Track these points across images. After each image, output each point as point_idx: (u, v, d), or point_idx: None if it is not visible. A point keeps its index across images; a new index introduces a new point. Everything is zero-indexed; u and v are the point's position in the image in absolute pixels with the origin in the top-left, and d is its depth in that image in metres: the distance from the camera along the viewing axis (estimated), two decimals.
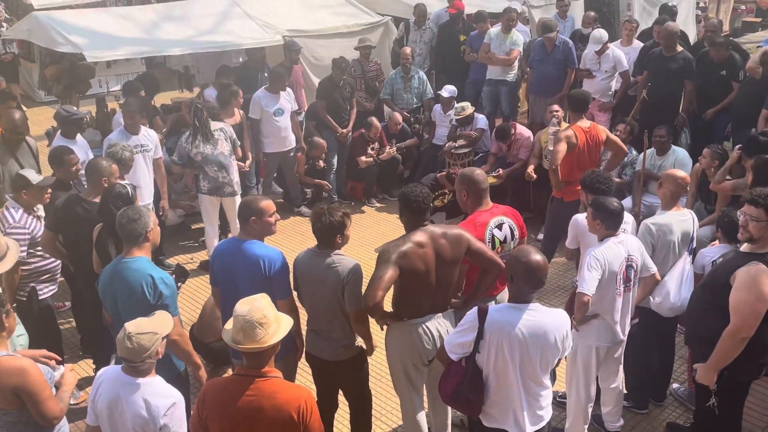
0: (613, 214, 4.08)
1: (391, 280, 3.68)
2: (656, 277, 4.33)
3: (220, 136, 6.60)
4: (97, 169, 4.84)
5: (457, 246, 3.84)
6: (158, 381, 3.15)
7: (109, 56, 7.80)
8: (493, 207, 4.39)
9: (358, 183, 8.81)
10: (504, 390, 3.32)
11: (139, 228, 3.72)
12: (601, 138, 6.14)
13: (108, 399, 3.09)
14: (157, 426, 3.03)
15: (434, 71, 10.09)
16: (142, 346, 3.02)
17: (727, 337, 3.72)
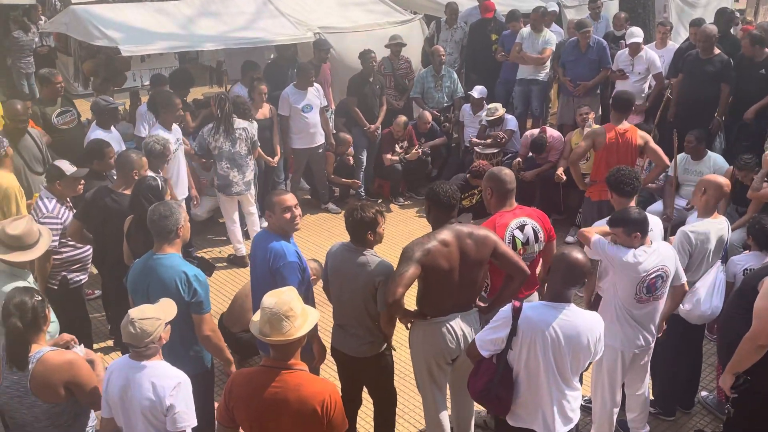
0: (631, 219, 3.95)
1: (412, 277, 3.67)
2: (685, 288, 4.25)
3: (241, 135, 6.66)
4: (128, 161, 4.91)
5: (483, 247, 3.82)
6: (163, 364, 3.18)
7: (144, 50, 7.92)
8: (517, 208, 4.34)
9: (385, 181, 8.81)
10: (534, 389, 3.30)
11: (170, 224, 3.75)
12: (636, 142, 6.07)
13: (119, 386, 3.14)
14: (164, 407, 3.06)
15: (464, 70, 10.05)
16: (145, 331, 3.07)
17: (746, 341, 3.67)
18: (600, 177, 6.11)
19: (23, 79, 11.19)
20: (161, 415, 3.09)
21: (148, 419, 3.11)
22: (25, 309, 3.19)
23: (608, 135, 6.00)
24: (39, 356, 3.20)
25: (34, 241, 3.95)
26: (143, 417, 3.11)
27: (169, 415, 3.08)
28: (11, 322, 3.16)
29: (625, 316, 4.07)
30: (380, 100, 8.57)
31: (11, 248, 3.86)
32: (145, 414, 3.10)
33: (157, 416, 3.10)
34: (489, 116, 8.22)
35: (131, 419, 3.14)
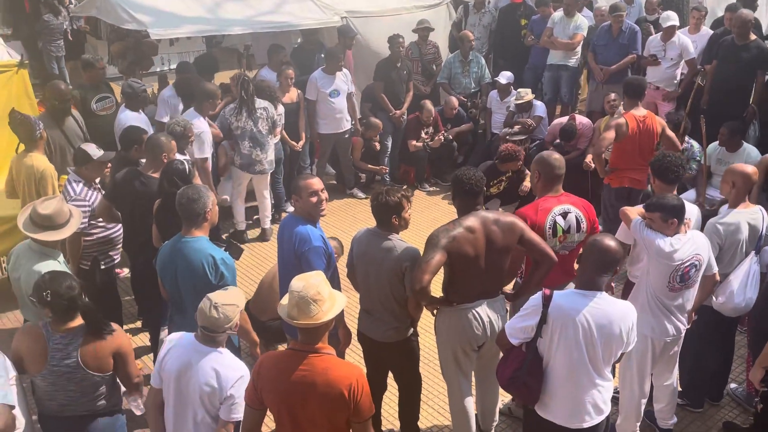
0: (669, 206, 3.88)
1: (438, 264, 3.65)
2: (716, 278, 4.18)
3: (262, 114, 6.71)
4: (157, 145, 4.95)
5: (510, 234, 3.79)
6: (228, 353, 3.24)
7: (172, 34, 7.94)
8: (563, 195, 4.28)
9: (410, 167, 8.77)
10: (564, 379, 3.26)
11: (198, 208, 3.78)
12: (656, 129, 6.01)
13: (178, 364, 3.19)
14: (223, 396, 3.12)
15: (492, 56, 9.94)
16: (227, 316, 3.13)
17: None
18: (620, 164, 6.06)
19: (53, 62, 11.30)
20: (217, 402, 3.16)
21: (203, 403, 3.17)
22: (64, 296, 3.28)
23: (630, 125, 5.91)
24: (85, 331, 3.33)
25: (64, 221, 4.01)
26: (199, 400, 3.17)
27: (226, 404, 3.13)
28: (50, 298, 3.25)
29: (657, 305, 4.01)
30: (407, 85, 8.52)
31: (42, 227, 3.92)
32: (203, 398, 3.16)
33: (213, 402, 3.16)
34: (517, 100, 8.14)
35: (185, 398, 3.19)
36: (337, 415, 2.86)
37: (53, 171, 5.32)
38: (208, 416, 3.20)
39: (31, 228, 3.93)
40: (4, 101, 5.92)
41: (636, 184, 6.13)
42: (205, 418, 3.20)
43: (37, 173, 5.16)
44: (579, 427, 3.31)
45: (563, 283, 4.19)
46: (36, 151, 5.24)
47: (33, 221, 3.93)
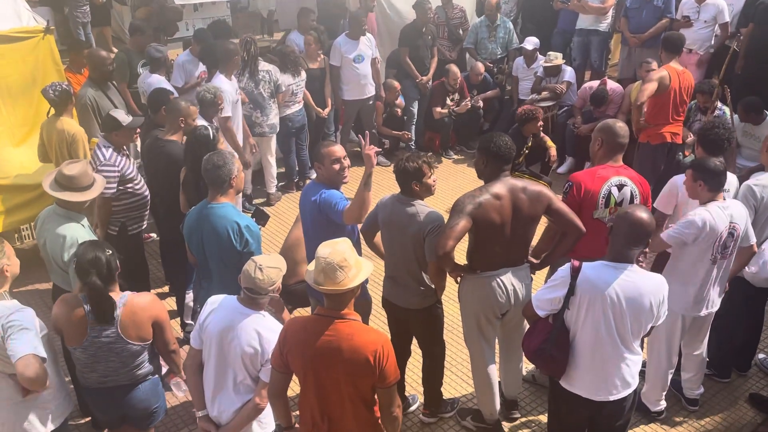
0: (714, 173, 3.83)
1: (463, 230, 3.62)
2: (754, 249, 4.09)
3: (264, 77, 6.68)
4: (176, 108, 4.98)
5: (537, 203, 3.73)
6: (270, 316, 3.28)
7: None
8: (622, 167, 4.16)
9: (435, 134, 8.69)
10: (591, 352, 3.21)
11: (223, 174, 3.79)
12: (692, 84, 5.95)
13: (221, 325, 3.23)
14: (265, 358, 3.16)
15: (521, 20, 9.74)
16: (271, 278, 3.18)
17: None
18: (658, 120, 5.94)
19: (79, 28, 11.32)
20: (258, 365, 3.20)
21: (245, 364, 3.21)
22: (100, 265, 3.30)
23: (672, 76, 5.87)
24: (124, 300, 3.35)
25: (88, 183, 4.05)
26: (241, 362, 3.21)
27: (267, 366, 3.17)
28: (92, 281, 3.26)
29: (692, 279, 3.95)
30: (432, 51, 8.39)
31: (65, 188, 3.97)
32: (244, 360, 3.20)
33: (254, 364, 3.21)
34: (547, 63, 7.97)
35: (227, 360, 3.24)
36: (363, 381, 2.87)
37: (84, 134, 5.43)
38: (248, 378, 3.25)
39: (55, 188, 3.98)
40: (31, 67, 5.97)
41: (675, 138, 6.02)
42: (246, 379, 3.25)
43: (69, 136, 5.26)
44: (605, 399, 3.28)
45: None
46: (65, 115, 5.33)
47: (57, 182, 3.98)
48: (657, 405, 4.37)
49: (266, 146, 7.10)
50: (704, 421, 4.41)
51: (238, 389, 3.27)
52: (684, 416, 4.44)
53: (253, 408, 3.26)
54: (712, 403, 4.55)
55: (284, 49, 7.20)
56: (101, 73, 6.12)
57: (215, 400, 3.32)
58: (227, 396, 3.29)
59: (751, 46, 7.40)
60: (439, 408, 4.40)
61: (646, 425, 4.36)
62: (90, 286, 3.26)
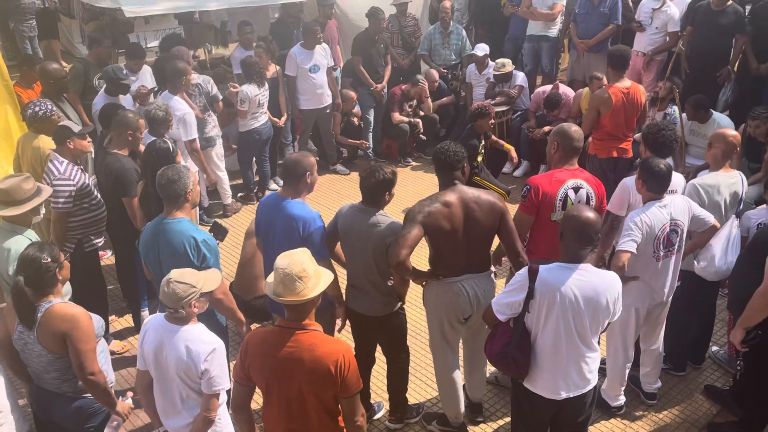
0: (658, 176, 3.95)
1: (415, 238, 3.67)
2: (716, 226, 4.18)
3: (194, 91, 6.59)
4: (123, 122, 4.90)
5: (490, 214, 3.80)
6: (199, 328, 3.23)
7: (147, 11, 7.80)
8: (577, 170, 4.26)
9: (393, 141, 8.75)
10: (552, 353, 3.27)
11: (178, 189, 3.73)
12: (641, 100, 6.03)
13: (153, 345, 3.21)
14: (198, 371, 3.13)
15: (473, 27, 9.87)
16: (176, 293, 3.10)
17: (758, 296, 3.69)
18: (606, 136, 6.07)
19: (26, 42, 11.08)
20: (196, 378, 3.17)
21: (182, 379, 3.19)
22: (31, 267, 3.27)
23: (614, 99, 5.92)
24: (47, 307, 3.30)
25: (26, 196, 3.99)
26: (178, 378, 3.19)
27: (204, 378, 3.15)
28: (17, 281, 3.27)
29: (641, 274, 4.05)
30: (385, 59, 8.46)
31: (4, 203, 3.95)
32: (180, 376, 3.18)
33: (191, 378, 3.18)
34: (496, 71, 8.10)
35: (166, 377, 3.21)
36: (325, 391, 2.87)
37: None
38: (192, 392, 3.22)
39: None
40: None
41: (623, 153, 6.18)
42: (190, 394, 3.22)
43: (43, 155, 5.10)
44: (567, 397, 3.34)
45: None
46: (44, 133, 5.17)
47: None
48: (616, 400, 4.47)
49: (209, 159, 6.96)
50: (662, 414, 4.52)
51: (186, 404, 3.25)
52: (643, 410, 4.55)
53: (202, 421, 3.23)
54: (669, 396, 4.67)
55: (248, 59, 7.18)
56: (55, 86, 5.99)
57: (167, 418, 3.30)
58: (177, 412, 3.27)
59: (693, 47, 7.66)
60: (404, 414, 4.42)
61: (606, 420, 4.46)
62: (14, 286, 3.27)
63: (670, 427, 4.41)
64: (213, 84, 6.85)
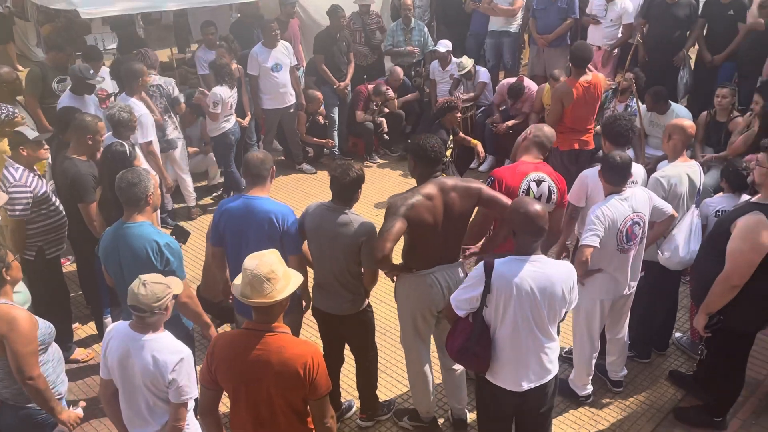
0: (615, 168, 4.01)
1: (399, 232, 3.66)
2: (674, 216, 4.26)
3: (154, 93, 6.51)
4: (82, 126, 4.80)
5: (467, 198, 3.80)
6: (166, 336, 3.17)
7: (104, 12, 7.63)
8: (541, 163, 4.33)
9: (358, 139, 8.74)
10: (510, 345, 3.29)
11: (139, 192, 3.66)
12: (601, 91, 6.15)
13: (118, 354, 3.14)
14: (166, 380, 3.08)
15: (435, 23, 9.91)
16: (155, 294, 3.05)
17: (719, 282, 3.78)
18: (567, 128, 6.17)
19: None
20: (163, 387, 3.11)
21: (149, 389, 3.13)
22: None
23: (575, 92, 6.04)
24: None
25: None
26: (145, 387, 3.13)
27: (172, 388, 3.09)
28: None
29: (605, 266, 4.11)
30: (348, 57, 8.44)
31: None
32: (147, 385, 3.12)
33: (158, 387, 3.12)
34: (460, 71, 8.15)
35: (132, 386, 3.15)
36: (293, 394, 2.86)
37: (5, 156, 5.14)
38: (159, 401, 3.17)
39: None
40: None
41: (584, 145, 6.27)
42: (157, 403, 3.17)
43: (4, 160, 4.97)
44: (528, 388, 3.36)
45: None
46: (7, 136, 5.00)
47: None
48: (584, 389, 4.53)
49: (171, 161, 6.89)
50: (629, 401, 4.60)
51: (153, 413, 3.19)
52: (610, 398, 4.62)
53: (171, 431, 3.17)
54: (635, 383, 4.76)
55: (217, 61, 7.10)
56: (8, 90, 5.84)
57: (134, 427, 3.23)
58: (144, 422, 3.21)
59: (649, 40, 7.81)
60: (375, 411, 4.43)
61: (575, 410, 4.52)
62: None
63: (637, 414, 4.49)
64: (174, 86, 6.75)
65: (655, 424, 4.40)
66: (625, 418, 4.45)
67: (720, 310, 3.88)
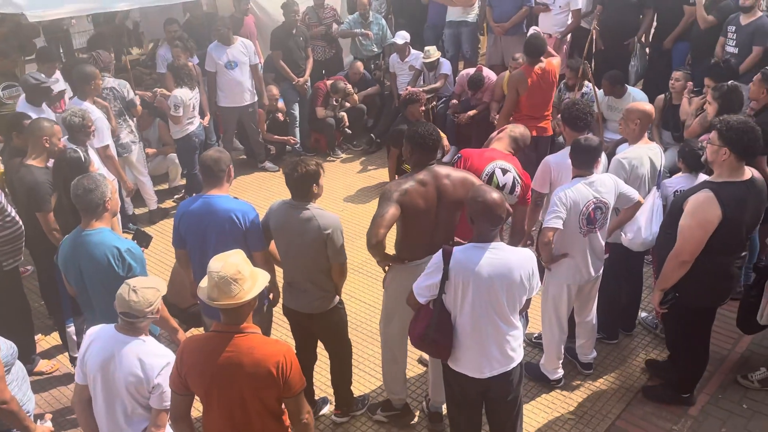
0: (583, 151, 4.07)
1: (393, 217, 3.64)
2: (640, 202, 4.32)
3: (108, 95, 6.37)
4: (38, 128, 4.68)
5: (461, 188, 3.76)
6: (151, 340, 3.15)
7: (52, 15, 7.40)
8: (510, 156, 4.35)
9: (320, 135, 8.69)
10: (471, 331, 3.29)
11: (96, 198, 3.58)
12: (556, 76, 6.25)
13: (101, 357, 3.08)
14: (150, 385, 3.04)
15: (392, 16, 9.89)
16: (147, 299, 3.04)
17: (670, 258, 3.86)
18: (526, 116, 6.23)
19: None
20: (146, 392, 3.07)
21: (131, 393, 3.08)
22: None
23: (530, 80, 6.12)
24: None
25: None
26: (127, 392, 3.08)
27: (155, 393, 3.06)
28: None
29: (569, 250, 4.16)
30: (305, 52, 8.37)
31: None
32: (129, 389, 3.07)
33: (141, 393, 3.08)
34: (426, 59, 8.17)
35: (112, 391, 3.10)
36: (268, 393, 2.83)
37: None
38: (139, 407, 3.12)
39: None
40: None
41: (542, 132, 6.33)
42: (136, 409, 3.12)
43: None
44: (490, 375, 3.36)
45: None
46: None
47: None
48: (555, 374, 4.59)
49: (129, 165, 6.74)
50: (599, 382, 4.67)
51: (131, 420, 3.14)
52: (581, 380, 4.69)
53: None
54: (604, 364, 4.84)
55: (176, 62, 6.96)
56: None
57: None
58: (120, 428, 3.15)
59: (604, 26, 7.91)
60: (350, 407, 4.42)
61: (547, 393, 4.57)
62: None
63: (608, 394, 4.57)
64: (129, 88, 6.59)
65: (625, 404, 4.47)
66: (596, 400, 4.52)
67: (675, 286, 3.96)
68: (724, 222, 3.70)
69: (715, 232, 3.73)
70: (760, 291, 4.45)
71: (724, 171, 3.78)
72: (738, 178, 3.77)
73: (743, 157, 3.75)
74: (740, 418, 4.31)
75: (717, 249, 3.79)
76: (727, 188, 3.74)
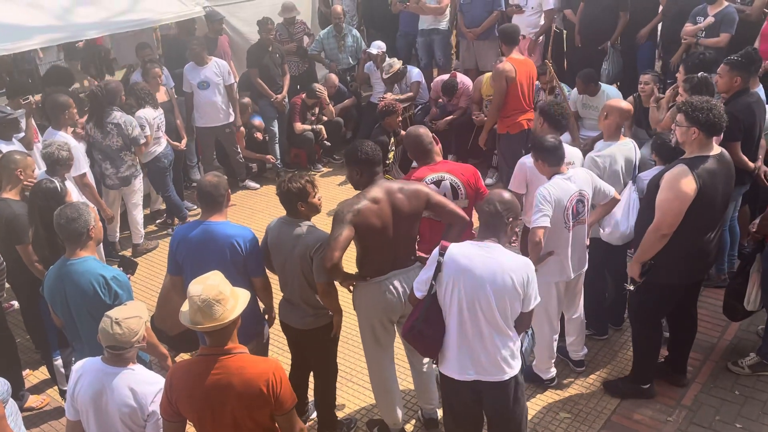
0: (549, 149, 4.10)
1: (347, 239, 3.62)
2: (617, 198, 4.36)
3: (112, 130, 6.32)
4: (11, 161, 4.65)
5: (415, 200, 3.77)
6: (140, 368, 3.11)
7: (21, 47, 7.36)
8: (439, 164, 4.35)
9: (300, 150, 8.69)
10: (456, 329, 3.26)
11: (79, 227, 3.55)
12: (534, 74, 6.29)
13: (91, 391, 3.04)
14: (145, 413, 3.00)
15: (364, 27, 9.94)
16: (132, 330, 2.99)
17: (650, 232, 3.92)
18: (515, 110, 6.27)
19: None
20: (141, 421, 3.03)
21: (126, 424, 3.03)
22: None
23: (516, 68, 6.24)
24: None
25: None
26: (121, 423, 3.03)
27: (151, 421, 3.02)
28: None
29: (555, 248, 4.17)
30: (282, 69, 8.38)
31: None
32: (124, 420, 3.03)
33: (136, 422, 3.04)
34: (386, 74, 8.17)
35: (106, 424, 3.05)
36: (260, 412, 2.80)
37: None
38: None
39: None
40: None
41: (532, 124, 6.37)
42: None
43: None
44: (472, 379, 3.29)
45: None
46: None
47: None
48: (548, 373, 4.59)
49: (130, 195, 6.68)
50: (591, 379, 4.69)
51: None
52: (573, 377, 4.70)
53: None
54: (596, 360, 4.85)
55: (134, 86, 6.92)
56: None
57: None
58: None
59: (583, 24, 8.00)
60: (334, 430, 4.31)
61: (541, 393, 4.57)
62: None
63: (602, 390, 4.57)
64: (135, 125, 6.44)
65: (620, 399, 4.48)
66: (591, 396, 4.53)
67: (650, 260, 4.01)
68: (699, 195, 3.79)
69: (691, 207, 3.81)
70: (745, 278, 4.49)
71: (695, 148, 3.91)
72: (708, 152, 3.90)
73: (711, 133, 3.88)
74: (733, 405, 4.33)
75: (691, 226, 3.86)
76: (699, 161, 3.86)
